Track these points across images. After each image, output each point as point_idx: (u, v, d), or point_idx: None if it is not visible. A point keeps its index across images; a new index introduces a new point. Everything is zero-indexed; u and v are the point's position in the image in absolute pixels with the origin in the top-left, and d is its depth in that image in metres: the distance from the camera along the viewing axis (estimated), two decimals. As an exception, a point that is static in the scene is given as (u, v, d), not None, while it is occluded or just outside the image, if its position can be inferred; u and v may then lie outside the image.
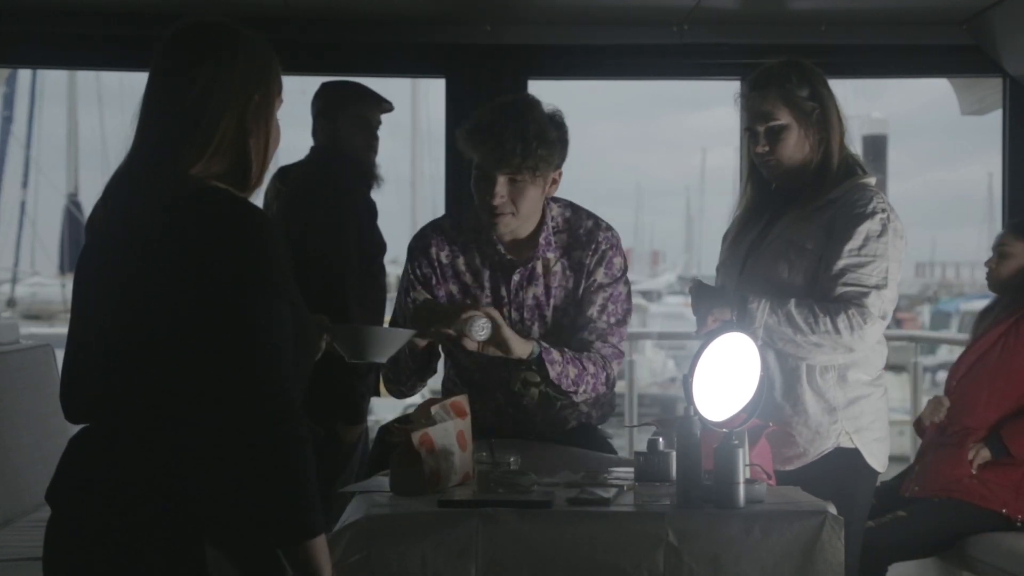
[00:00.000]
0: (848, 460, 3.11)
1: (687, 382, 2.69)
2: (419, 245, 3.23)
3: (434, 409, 2.85)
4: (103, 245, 2.09)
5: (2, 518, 3.85)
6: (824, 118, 3.11)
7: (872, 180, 3.14)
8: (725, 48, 4.65)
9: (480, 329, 2.95)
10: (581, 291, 3.17)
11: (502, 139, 3.00)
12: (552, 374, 3.04)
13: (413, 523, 2.55)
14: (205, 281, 1.97)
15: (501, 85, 3.24)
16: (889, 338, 3.30)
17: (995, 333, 4.06)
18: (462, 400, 2.93)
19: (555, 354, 3.05)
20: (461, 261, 3.19)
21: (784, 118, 3.11)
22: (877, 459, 3.15)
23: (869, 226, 3.04)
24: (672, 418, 2.83)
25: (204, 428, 1.98)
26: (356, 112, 4.32)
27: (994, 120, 4.88)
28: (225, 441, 1.97)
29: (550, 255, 3.17)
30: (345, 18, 4.50)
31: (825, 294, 3.04)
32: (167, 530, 1.98)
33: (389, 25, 4.53)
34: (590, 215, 3.24)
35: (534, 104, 3.09)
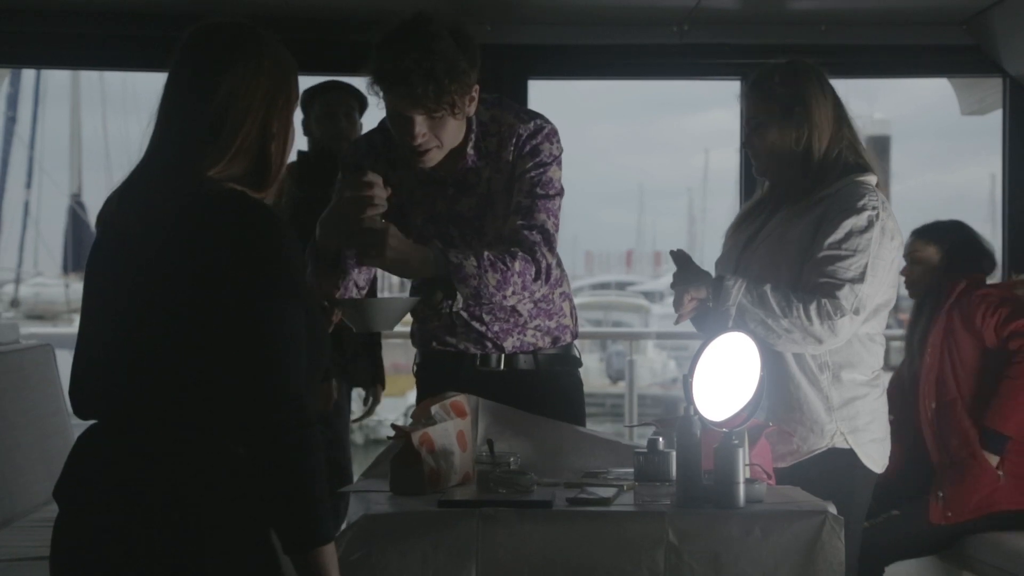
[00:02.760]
0: (843, 461, 3.10)
1: (687, 382, 2.69)
2: (352, 161, 3.07)
3: (434, 409, 2.85)
4: (116, 242, 2.09)
5: (2, 518, 3.85)
6: (806, 115, 3.11)
7: (871, 179, 3.14)
8: (725, 48, 4.66)
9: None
10: (511, 184, 3.01)
11: (411, 84, 2.78)
12: (466, 292, 2.84)
13: (413, 523, 2.55)
14: (219, 283, 1.97)
15: (501, 85, 3.25)
16: (891, 338, 3.29)
17: (935, 344, 4.07)
18: (462, 400, 2.93)
19: (467, 267, 2.83)
20: (395, 176, 3.02)
21: (761, 115, 3.14)
22: (874, 460, 3.14)
23: (854, 221, 3.04)
24: (672, 418, 2.83)
25: (214, 430, 1.99)
26: (321, 107, 4.39)
27: (994, 120, 4.88)
28: (235, 445, 1.97)
29: (480, 163, 3.01)
30: (345, 18, 4.51)
31: (803, 285, 3.04)
32: (174, 529, 1.98)
33: (389, 25, 4.53)
34: (517, 110, 3.06)
35: (436, 34, 2.81)
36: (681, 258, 3.11)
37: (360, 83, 4.46)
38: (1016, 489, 3.95)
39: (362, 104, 4.45)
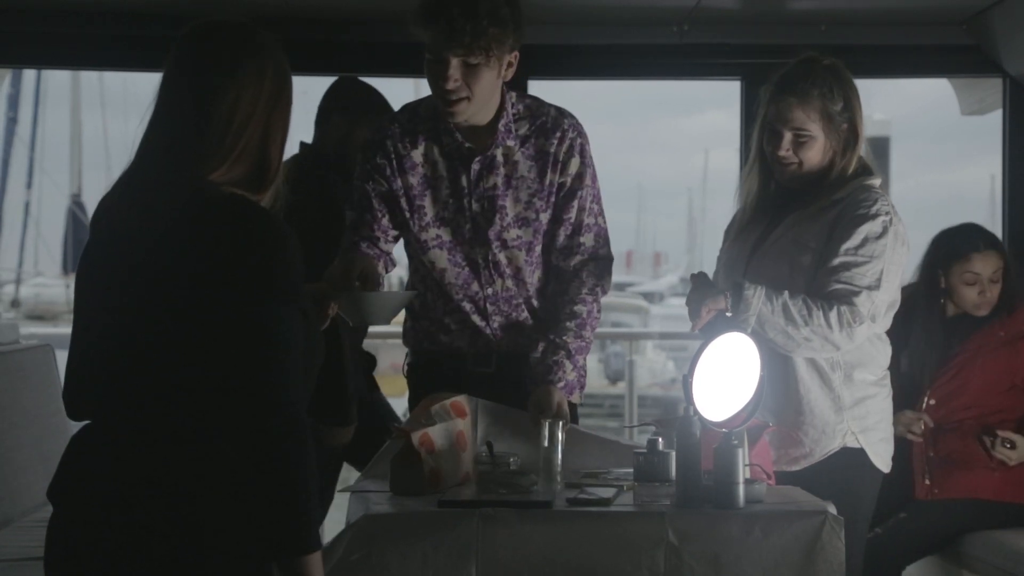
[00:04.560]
0: (854, 460, 3.11)
1: (687, 382, 2.69)
2: (376, 138, 3.13)
3: (434, 409, 2.85)
4: (111, 244, 2.08)
5: (2, 518, 3.85)
6: (852, 132, 3.11)
7: (877, 181, 3.15)
8: (725, 48, 4.64)
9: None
10: (551, 184, 3.08)
11: (451, 17, 2.88)
12: (571, 379, 3.05)
13: (413, 523, 2.55)
14: (216, 286, 1.97)
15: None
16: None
17: (970, 354, 4.01)
18: (462, 400, 2.93)
19: (571, 377, 3.05)
20: (419, 152, 3.09)
21: (814, 129, 3.09)
22: (882, 459, 3.15)
23: (870, 227, 3.03)
24: (672, 418, 2.83)
25: (207, 433, 1.99)
26: (374, 120, 4.34)
27: (994, 120, 4.87)
28: (228, 448, 1.97)
29: (510, 143, 3.07)
30: (345, 18, 4.50)
31: (818, 290, 3.03)
32: (166, 530, 1.98)
33: (389, 25, 4.52)
34: (552, 104, 3.13)
35: None
36: (700, 279, 3.10)
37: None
38: (1005, 483, 3.95)
39: None
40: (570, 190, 3.10)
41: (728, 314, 2.98)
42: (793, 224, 3.13)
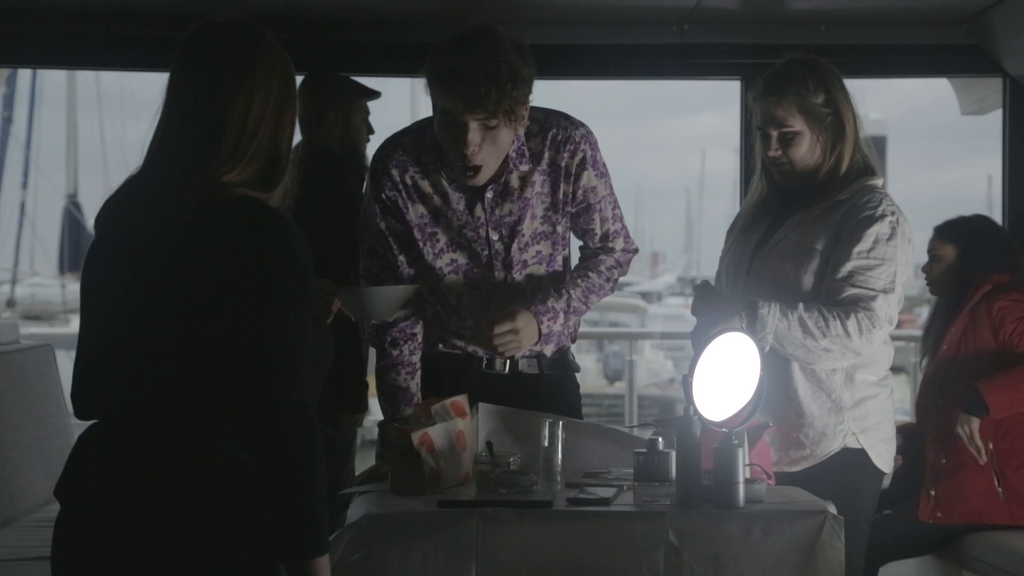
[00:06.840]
0: (854, 460, 3.10)
1: (687, 382, 2.69)
2: (380, 166, 3.03)
3: (434, 409, 2.85)
4: (119, 245, 2.08)
5: (2, 518, 3.85)
6: (838, 123, 3.10)
7: (880, 181, 3.14)
8: (725, 48, 4.65)
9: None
10: (565, 196, 3.06)
11: (475, 83, 2.77)
12: (555, 330, 3.09)
13: (413, 523, 2.55)
14: (229, 289, 1.97)
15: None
16: (892, 338, 3.28)
17: (952, 341, 4.05)
18: (462, 400, 2.93)
19: (557, 327, 3.07)
20: (427, 183, 3.02)
21: (797, 125, 3.08)
22: (883, 459, 3.15)
23: (879, 229, 3.03)
24: (672, 418, 2.83)
25: (216, 433, 1.99)
26: (362, 106, 4.35)
27: (994, 120, 4.88)
28: (238, 449, 1.98)
29: (524, 167, 3.02)
30: (345, 18, 4.51)
31: (831, 296, 3.02)
32: (174, 529, 1.98)
33: (389, 25, 4.53)
34: (560, 113, 3.08)
35: (501, 39, 2.83)
36: (705, 290, 3.09)
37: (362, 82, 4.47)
38: (1018, 505, 3.93)
39: None
40: (588, 204, 3.10)
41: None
42: (797, 225, 3.13)
